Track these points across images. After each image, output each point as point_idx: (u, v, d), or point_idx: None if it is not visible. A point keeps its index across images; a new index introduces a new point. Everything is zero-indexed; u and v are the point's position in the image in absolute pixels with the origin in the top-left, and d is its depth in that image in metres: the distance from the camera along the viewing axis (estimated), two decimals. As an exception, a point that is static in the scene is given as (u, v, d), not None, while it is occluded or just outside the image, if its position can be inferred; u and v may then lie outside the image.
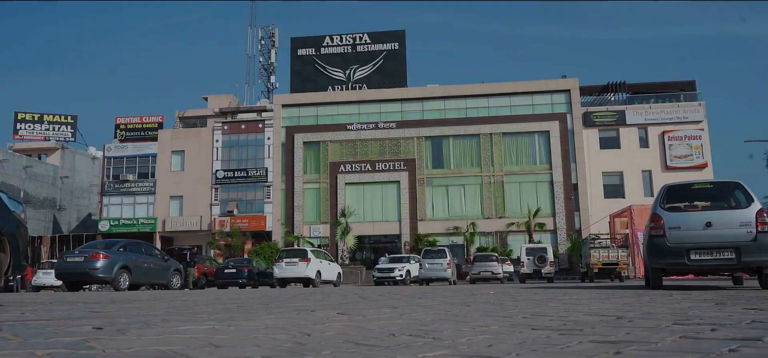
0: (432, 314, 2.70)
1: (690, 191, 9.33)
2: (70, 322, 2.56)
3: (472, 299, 4.73)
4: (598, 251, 23.90)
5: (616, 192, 41.13)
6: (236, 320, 2.51)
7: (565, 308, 3.13)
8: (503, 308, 3.06)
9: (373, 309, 3.10)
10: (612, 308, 3.06)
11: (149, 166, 44.91)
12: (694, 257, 8.48)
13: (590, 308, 3.08)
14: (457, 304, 3.49)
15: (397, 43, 45.82)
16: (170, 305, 4.35)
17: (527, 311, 2.88)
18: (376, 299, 5.38)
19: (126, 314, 2.92)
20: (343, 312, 2.75)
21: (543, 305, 3.33)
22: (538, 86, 42.38)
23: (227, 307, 3.65)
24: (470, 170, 41.25)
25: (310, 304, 4.19)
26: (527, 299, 4.42)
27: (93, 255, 15.95)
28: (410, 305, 3.55)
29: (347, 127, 42.33)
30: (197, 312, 2.91)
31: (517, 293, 7.13)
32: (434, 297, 5.47)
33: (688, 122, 42.16)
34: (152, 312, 3.05)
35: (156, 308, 3.60)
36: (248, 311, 3.16)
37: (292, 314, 2.77)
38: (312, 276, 21.17)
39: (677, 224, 8.64)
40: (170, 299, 6.49)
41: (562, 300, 3.97)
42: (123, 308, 3.55)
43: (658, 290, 8.65)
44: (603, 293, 6.30)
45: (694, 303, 3.60)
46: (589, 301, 3.95)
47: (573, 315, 2.71)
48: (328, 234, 40.59)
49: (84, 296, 9.32)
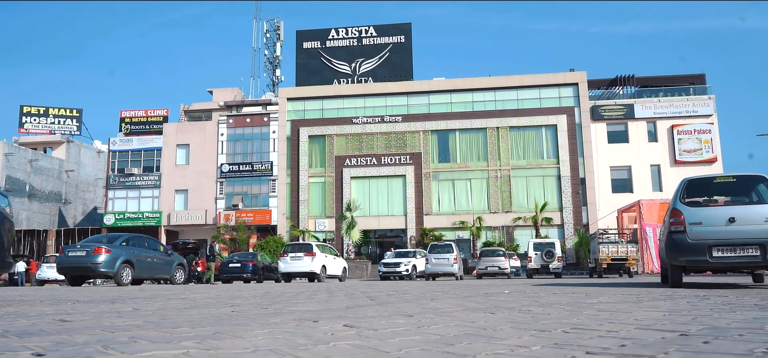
0: (454, 327, 2.32)
1: (711, 185, 8.92)
2: (10, 342, 2.17)
3: (490, 301, 4.36)
4: (606, 246, 23.61)
5: (624, 187, 40.75)
6: (221, 336, 2.10)
7: (606, 317, 2.74)
8: (534, 318, 2.68)
9: (385, 318, 2.72)
10: (661, 318, 2.68)
11: (154, 160, 44.77)
12: (716, 254, 8.11)
13: (636, 317, 2.70)
14: (479, 311, 3.12)
15: (403, 37, 45.40)
16: (157, 310, 3.99)
17: (564, 322, 2.50)
18: (386, 300, 5.01)
19: (92, 328, 2.53)
20: (351, 324, 2.36)
21: (577, 313, 2.96)
22: (545, 80, 41.91)
23: (219, 315, 3.28)
24: (477, 164, 40.89)
25: (314, 307, 3.82)
26: (553, 302, 4.04)
27: (95, 249, 15.76)
28: (424, 311, 3.17)
29: (353, 121, 42.00)
30: (178, 324, 2.51)
31: (534, 292, 6.74)
32: (448, 298, 5.10)
33: (698, 116, 41.65)
34: (126, 324, 2.67)
35: (136, 317, 3.23)
36: (241, 320, 2.79)
37: (291, 326, 2.38)
38: (317, 271, 20.91)
39: (698, 219, 8.28)
40: (165, 299, 6.15)
41: (594, 306, 3.59)
42: (96, 317, 3.16)
43: (678, 288, 8.27)
44: (626, 293, 5.91)
45: (747, 310, 3.21)
46: (622, 305, 3.57)
47: (622, 328, 2.31)
48: (333, 228, 40.34)
49: (80, 292, 9.01)
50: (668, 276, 9.16)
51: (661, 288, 8.05)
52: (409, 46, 45.18)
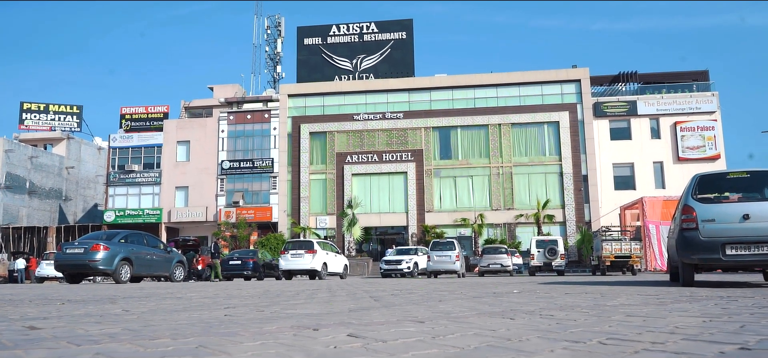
0: (473, 336, 2.04)
1: (724, 181, 8.66)
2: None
3: (503, 304, 4.10)
4: (610, 243, 23.46)
5: (626, 184, 40.57)
6: (204, 352, 1.80)
7: (640, 323, 2.47)
8: (560, 325, 2.41)
9: (393, 325, 2.46)
10: (702, 326, 2.41)
11: (155, 157, 44.60)
12: (730, 252, 7.86)
13: (674, 324, 2.43)
14: (495, 315, 2.86)
15: (404, 33, 45.11)
16: (145, 313, 3.72)
17: (595, 329, 2.23)
18: (391, 301, 4.74)
19: (59, 338, 2.23)
20: (356, 333, 2.09)
21: (605, 318, 2.69)
22: (547, 76, 41.64)
23: (210, 320, 3.01)
24: (478, 161, 40.66)
25: (314, 310, 3.56)
26: (571, 304, 3.76)
27: (93, 247, 15.58)
28: (436, 316, 2.91)
29: (354, 118, 41.77)
30: (159, 334, 2.22)
31: (546, 293, 6.46)
32: (457, 299, 4.83)
33: (701, 113, 41.43)
34: (101, 333, 2.38)
35: (116, 323, 2.97)
36: (231, 328, 2.52)
37: (287, 335, 2.10)
38: (318, 268, 20.72)
39: (711, 216, 8.03)
40: (159, 298, 5.89)
41: (619, 309, 3.32)
42: (71, 323, 2.88)
43: (692, 287, 8.03)
44: (643, 293, 5.63)
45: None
46: (647, 307, 3.29)
47: (666, 339, 2.01)
48: (334, 225, 40.14)
49: (75, 291, 8.74)
50: (679, 275, 8.90)
51: (674, 287, 7.78)
52: (410, 43, 44.89)
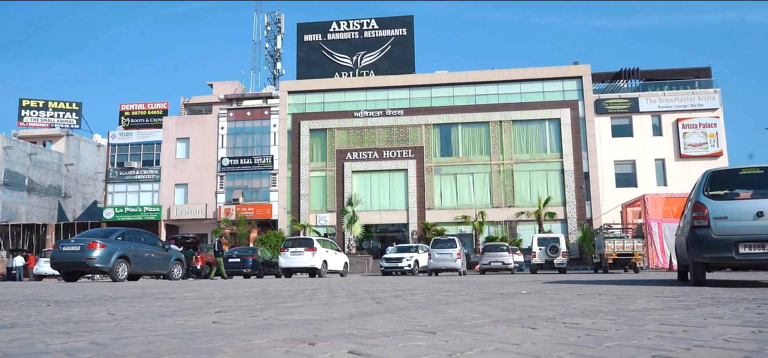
0: (495, 353, 1.78)
1: (737, 178, 8.40)
2: None
3: (515, 308, 3.83)
4: (612, 241, 23.32)
5: (628, 181, 40.41)
6: None
7: (681, 335, 2.21)
8: (591, 337, 2.15)
9: (400, 336, 2.19)
10: (751, 337, 2.15)
11: (154, 154, 44.37)
12: (743, 251, 7.62)
13: (723, 336, 2.16)
14: (513, 323, 2.60)
15: (405, 29, 44.85)
16: (127, 319, 3.46)
17: (632, 343, 1.95)
18: (394, 304, 4.48)
19: (12, 356, 1.98)
20: (358, 350, 1.82)
21: (637, 328, 2.42)
22: (549, 73, 41.39)
23: (194, 329, 2.74)
24: (479, 158, 40.44)
25: (312, 314, 3.30)
26: (590, 309, 3.49)
27: (89, 244, 15.38)
28: (446, 324, 2.65)
29: (354, 115, 41.53)
30: (127, 351, 1.94)
31: (556, 293, 6.19)
32: (464, 302, 4.56)
33: (703, 110, 41.25)
34: (64, 346, 2.10)
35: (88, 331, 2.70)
36: (215, 340, 2.25)
37: (279, 353, 1.82)
38: (318, 266, 20.51)
39: (724, 213, 7.79)
40: (151, 299, 5.62)
41: (645, 315, 3.06)
42: (38, 333, 2.60)
43: (702, 286, 7.78)
44: (659, 294, 5.36)
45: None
46: (674, 313, 3.03)
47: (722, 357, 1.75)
48: (334, 223, 39.92)
49: (68, 289, 8.47)
50: (690, 274, 8.66)
51: (687, 287, 7.52)
52: (411, 39, 44.62)
